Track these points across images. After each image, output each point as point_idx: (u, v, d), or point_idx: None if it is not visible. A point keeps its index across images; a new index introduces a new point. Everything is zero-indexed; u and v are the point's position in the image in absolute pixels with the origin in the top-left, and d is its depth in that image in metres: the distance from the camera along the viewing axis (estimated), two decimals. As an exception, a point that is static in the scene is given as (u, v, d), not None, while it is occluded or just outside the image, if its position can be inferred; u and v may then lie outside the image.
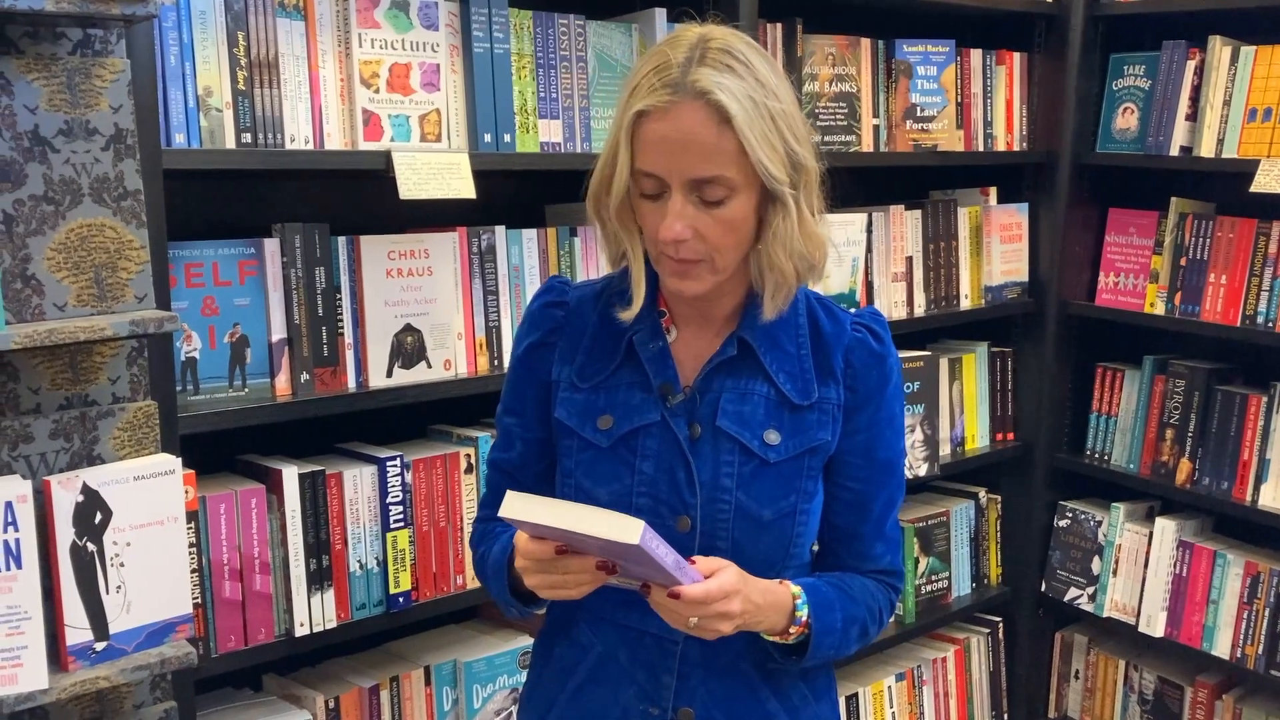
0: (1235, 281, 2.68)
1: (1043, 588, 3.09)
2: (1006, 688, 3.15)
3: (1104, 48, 2.93)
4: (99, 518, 1.52)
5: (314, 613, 1.90)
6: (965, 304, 2.91)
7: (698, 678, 1.42)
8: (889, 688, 2.83)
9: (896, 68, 2.70)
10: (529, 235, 2.14)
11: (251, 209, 2.02)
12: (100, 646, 1.53)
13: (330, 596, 1.91)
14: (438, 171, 1.92)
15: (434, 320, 2.03)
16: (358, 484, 1.94)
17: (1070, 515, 3.04)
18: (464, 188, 1.94)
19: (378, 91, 1.92)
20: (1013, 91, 2.94)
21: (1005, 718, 3.16)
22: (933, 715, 2.95)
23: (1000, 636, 3.12)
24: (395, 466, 1.97)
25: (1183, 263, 2.79)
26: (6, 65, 1.48)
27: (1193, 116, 2.72)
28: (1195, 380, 2.78)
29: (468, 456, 2.07)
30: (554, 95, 2.13)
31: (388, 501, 1.97)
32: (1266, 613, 2.62)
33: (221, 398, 1.81)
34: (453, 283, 2.05)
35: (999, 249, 2.96)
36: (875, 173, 2.78)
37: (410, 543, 2.00)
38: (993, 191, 2.99)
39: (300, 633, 1.88)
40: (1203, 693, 2.83)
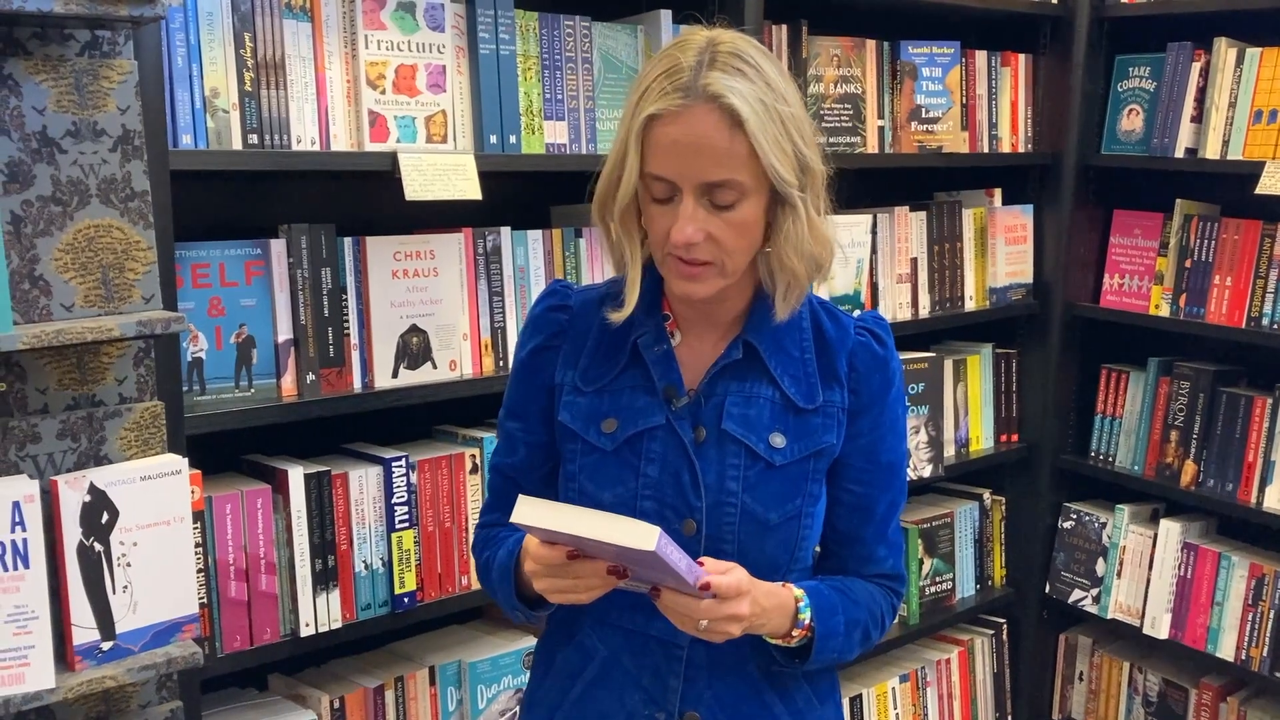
0: (1240, 283, 2.68)
1: (1047, 589, 3.08)
2: (1010, 689, 3.15)
3: (1109, 49, 2.93)
4: (106, 518, 1.52)
5: (319, 613, 1.90)
6: (970, 305, 2.91)
7: (703, 681, 1.42)
8: (893, 689, 2.83)
9: (901, 69, 2.70)
10: (534, 236, 2.15)
11: (258, 210, 2.02)
12: (107, 646, 1.54)
13: (335, 596, 1.92)
14: (443, 172, 1.92)
15: (439, 321, 2.03)
16: (363, 484, 1.95)
17: (1075, 517, 3.04)
18: (470, 189, 1.94)
19: (384, 93, 1.92)
20: (1018, 93, 2.94)
21: (1009, 719, 3.16)
22: (937, 717, 2.95)
23: (1004, 638, 3.11)
24: (400, 467, 1.98)
25: (1188, 264, 2.79)
26: (14, 66, 1.48)
27: (1198, 118, 2.72)
28: (1200, 382, 2.78)
29: (473, 457, 2.07)
30: (559, 97, 2.13)
31: (393, 502, 1.97)
32: (1271, 615, 2.62)
33: (228, 398, 1.82)
34: (458, 284, 2.06)
35: (1004, 250, 2.96)
36: (880, 174, 2.78)
37: (415, 543, 2.01)
38: (998, 193, 2.99)
39: (305, 633, 1.89)
40: (1207, 695, 2.83)
